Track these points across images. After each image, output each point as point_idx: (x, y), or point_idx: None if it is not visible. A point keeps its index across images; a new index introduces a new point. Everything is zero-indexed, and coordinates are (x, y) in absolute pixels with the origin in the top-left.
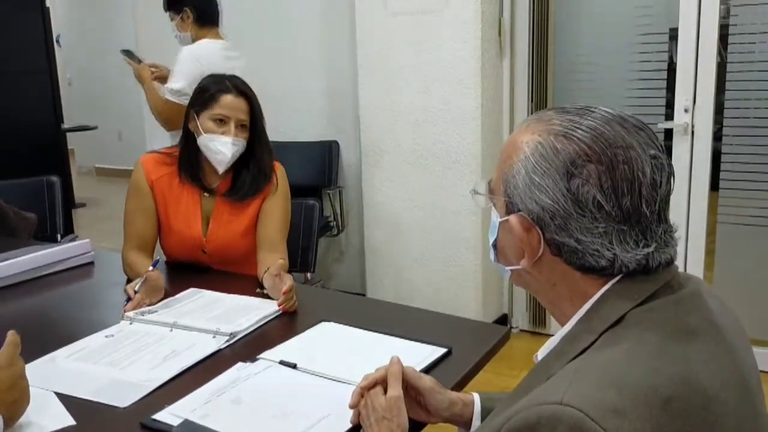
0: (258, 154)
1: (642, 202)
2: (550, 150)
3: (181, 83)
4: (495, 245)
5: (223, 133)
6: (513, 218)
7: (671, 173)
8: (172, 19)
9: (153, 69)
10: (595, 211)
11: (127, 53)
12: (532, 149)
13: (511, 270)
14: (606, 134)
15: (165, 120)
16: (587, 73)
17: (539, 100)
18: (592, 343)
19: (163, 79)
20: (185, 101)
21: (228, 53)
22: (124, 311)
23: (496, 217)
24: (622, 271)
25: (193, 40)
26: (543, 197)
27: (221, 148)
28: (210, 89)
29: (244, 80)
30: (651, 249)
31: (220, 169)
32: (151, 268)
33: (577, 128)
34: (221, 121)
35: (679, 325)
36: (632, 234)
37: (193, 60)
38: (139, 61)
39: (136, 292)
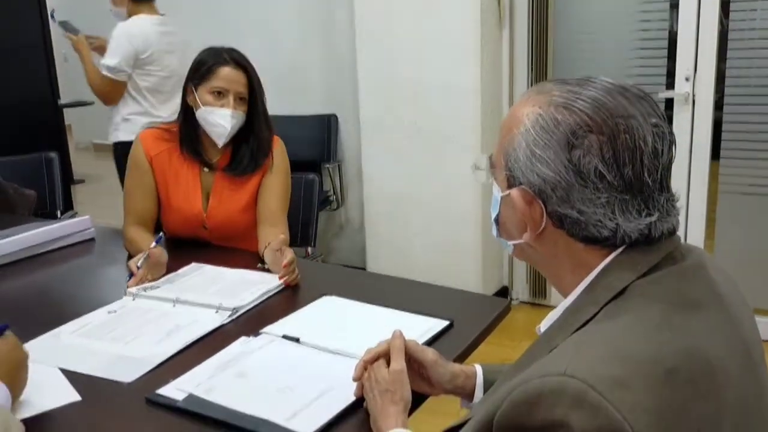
0: (257, 129)
1: (644, 171)
2: (550, 121)
3: (116, 60)
4: (497, 220)
5: (221, 106)
6: (515, 192)
7: (673, 141)
8: None
9: (91, 40)
10: (597, 182)
11: (64, 25)
12: (533, 121)
13: (513, 244)
14: (607, 104)
15: (101, 94)
16: (587, 42)
17: (539, 70)
18: (595, 315)
19: (101, 49)
20: (122, 77)
21: (162, 28)
22: (127, 287)
23: (497, 192)
24: (624, 242)
25: (129, 16)
26: (544, 169)
27: (220, 120)
28: (207, 62)
29: (241, 53)
30: (654, 218)
31: (220, 143)
32: (153, 244)
33: (578, 99)
34: (219, 93)
35: (682, 297)
36: (634, 203)
37: (126, 36)
38: (77, 32)
39: (138, 268)
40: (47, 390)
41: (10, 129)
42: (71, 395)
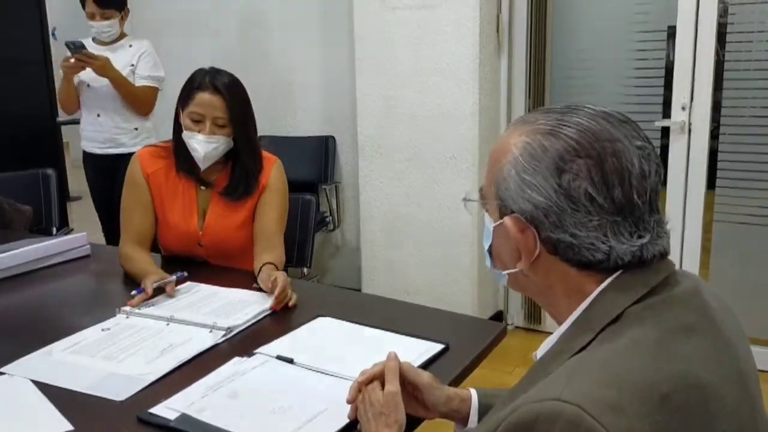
0: (243, 157)
1: (633, 193)
2: (538, 148)
3: (162, 71)
4: (490, 251)
5: (198, 131)
6: (507, 220)
7: (659, 164)
8: (108, 18)
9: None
10: (588, 205)
11: (78, 48)
12: (521, 150)
13: (507, 274)
14: (592, 129)
15: (148, 104)
16: (585, 70)
17: (537, 97)
18: (591, 341)
19: (103, 69)
20: (162, 87)
21: None
22: (129, 304)
23: (489, 223)
24: (618, 264)
25: (119, 37)
26: (535, 195)
27: (196, 146)
28: (188, 86)
29: (224, 72)
30: (645, 240)
31: (201, 166)
32: (179, 275)
33: (564, 125)
34: (196, 121)
35: (677, 322)
36: (626, 225)
37: (154, 51)
38: (83, 49)
39: (153, 290)
40: (37, 422)
41: (7, 144)
42: (63, 425)
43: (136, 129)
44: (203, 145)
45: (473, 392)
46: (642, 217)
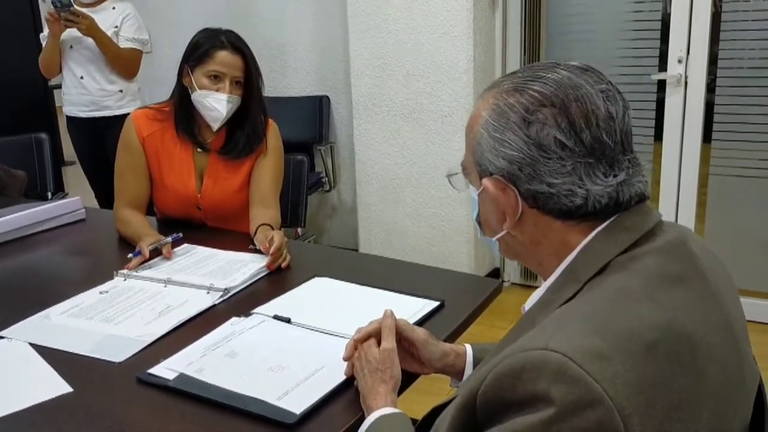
0: (253, 114)
1: (602, 134)
2: (504, 106)
3: (146, 34)
4: (479, 220)
5: (217, 90)
6: (487, 182)
7: (626, 106)
8: None
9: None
10: (558, 151)
11: (65, 6)
12: (489, 112)
13: (498, 239)
14: (554, 79)
15: (132, 67)
16: (580, 24)
17: (532, 52)
18: (577, 292)
19: (92, 29)
20: (147, 50)
21: None
22: (127, 267)
23: (474, 192)
24: (596, 208)
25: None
26: (508, 151)
27: (216, 105)
28: (204, 45)
29: (238, 35)
30: (620, 178)
31: (215, 126)
32: (174, 236)
33: (527, 81)
34: (216, 77)
35: (663, 272)
36: (599, 167)
37: (137, 13)
38: (70, 6)
39: (150, 252)
40: (38, 385)
41: None
42: (62, 387)
43: (121, 91)
44: (224, 105)
45: (468, 347)
46: (615, 157)
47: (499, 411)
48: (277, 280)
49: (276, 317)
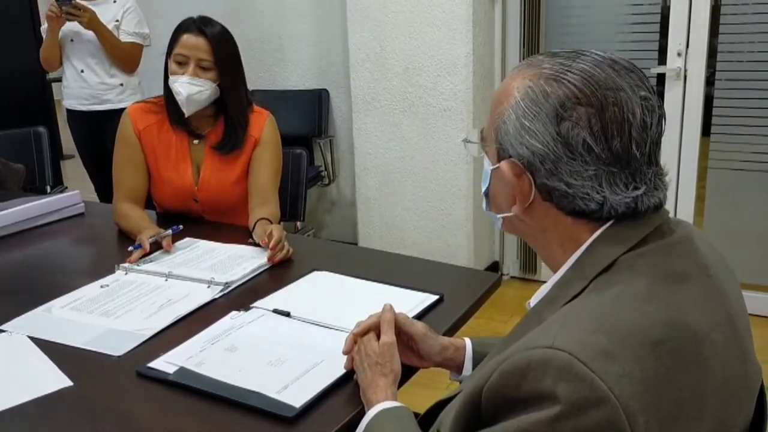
0: (229, 104)
1: (632, 144)
2: (540, 94)
3: (147, 28)
4: (487, 194)
5: (183, 74)
6: (504, 164)
7: (662, 115)
8: None
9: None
10: (585, 154)
11: (67, 0)
12: (522, 94)
13: (502, 218)
14: (596, 76)
15: (133, 61)
16: (580, 18)
17: (531, 46)
18: (584, 289)
19: (94, 22)
20: (147, 44)
21: None
22: (128, 261)
23: (488, 165)
24: (611, 215)
25: None
26: (533, 142)
27: (180, 89)
28: (175, 32)
29: (215, 21)
30: (640, 192)
31: (186, 111)
32: (174, 228)
33: (568, 71)
34: (181, 62)
35: (669, 269)
36: (622, 176)
37: (138, 7)
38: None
39: (150, 245)
40: (38, 379)
41: None
42: (62, 381)
43: (122, 85)
44: (186, 87)
45: (468, 341)
46: (639, 169)
47: (504, 408)
48: (276, 274)
49: (276, 311)
